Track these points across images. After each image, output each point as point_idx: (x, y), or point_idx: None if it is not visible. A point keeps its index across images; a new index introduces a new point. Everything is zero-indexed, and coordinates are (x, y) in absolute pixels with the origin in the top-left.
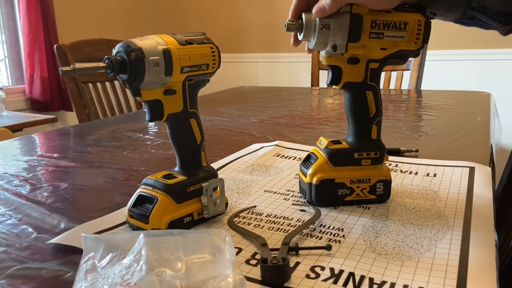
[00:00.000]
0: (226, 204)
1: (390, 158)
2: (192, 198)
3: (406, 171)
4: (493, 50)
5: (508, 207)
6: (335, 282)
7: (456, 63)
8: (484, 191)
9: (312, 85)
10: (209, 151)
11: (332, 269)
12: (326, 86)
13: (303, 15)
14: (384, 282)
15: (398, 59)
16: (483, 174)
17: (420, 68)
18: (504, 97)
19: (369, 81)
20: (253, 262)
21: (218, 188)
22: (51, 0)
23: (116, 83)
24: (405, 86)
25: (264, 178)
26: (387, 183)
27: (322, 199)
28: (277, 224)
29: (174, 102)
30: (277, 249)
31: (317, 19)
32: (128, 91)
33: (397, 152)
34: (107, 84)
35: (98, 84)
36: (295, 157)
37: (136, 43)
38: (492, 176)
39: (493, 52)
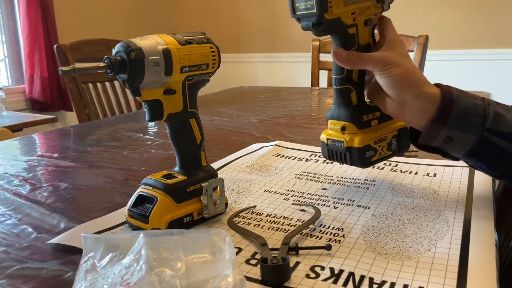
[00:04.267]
0: (226, 204)
1: (390, 158)
2: (192, 198)
3: (406, 171)
4: (493, 50)
5: (508, 207)
6: (335, 282)
7: (456, 63)
8: (484, 191)
9: (312, 85)
10: (209, 151)
11: (332, 269)
12: (326, 86)
13: None
14: (384, 282)
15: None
16: (483, 174)
17: (420, 68)
18: (504, 97)
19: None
20: (253, 262)
21: (218, 188)
22: (51, 0)
23: (116, 83)
24: None
25: (264, 178)
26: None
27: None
28: (277, 224)
29: (174, 102)
30: (277, 249)
31: None
32: (128, 91)
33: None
34: (107, 84)
35: (98, 84)
36: (295, 157)
37: (136, 43)
38: None
39: (493, 52)
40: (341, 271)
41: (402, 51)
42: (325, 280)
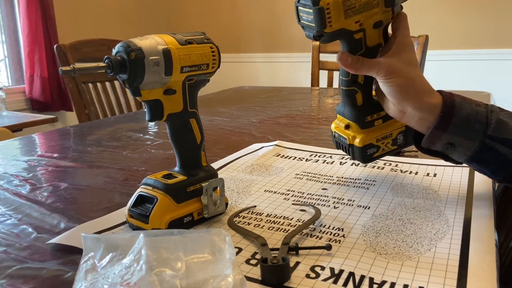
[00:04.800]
0: (226, 204)
1: (390, 158)
2: (192, 198)
3: (406, 171)
4: (493, 50)
5: (508, 207)
6: (335, 282)
7: (456, 63)
8: (484, 191)
9: (312, 85)
10: (209, 151)
11: (332, 269)
12: (326, 86)
13: None
14: (384, 282)
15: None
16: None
17: (420, 68)
18: (504, 97)
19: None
20: (253, 262)
21: (218, 188)
22: (51, 0)
23: (116, 83)
24: None
25: (264, 178)
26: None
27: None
28: (277, 224)
29: (174, 102)
30: (277, 249)
31: None
32: (128, 91)
33: (397, 152)
34: (107, 84)
35: (98, 84)
36: (295, 157)
37: (136, 43)
38: None
39: (493, 52)
40: (341, 271)
41: (409, 57)
42: (325, 280)
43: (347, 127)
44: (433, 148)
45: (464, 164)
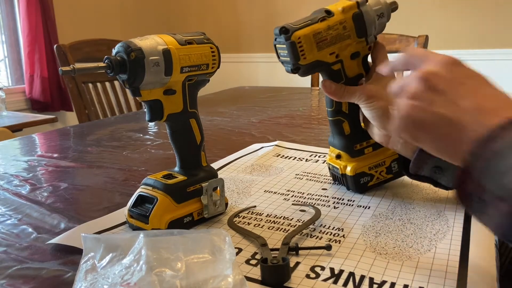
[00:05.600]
0: (226, 204)
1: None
2: (192, 198)
3: None
4: (493, 50)
5: None
6: (335, 282)
7: None
8: None
9: (312, 85)
10: (209, 151)
11: (332, 269)
12: None
13: None
14: (384, 282)
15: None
16: None
17: None
18: None
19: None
20: (253, 262)
21: (218, 188)
22: (51, 0)
23: (116, 83)
24: None
25: (264, 178)
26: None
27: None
28: (277, 224)
29: (174, 102)
30: (277, 249)
31: None
32: (128, 91)
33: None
34: (107, 84)
35: (98, 84)
36: (295, 157)
37: (136, 43)
38: None
39: (493, 52)
40: (341, 271)
41: (389, 82)
42: (325, 280)
43: (338, 157)
44: (421, 173)
45: None
